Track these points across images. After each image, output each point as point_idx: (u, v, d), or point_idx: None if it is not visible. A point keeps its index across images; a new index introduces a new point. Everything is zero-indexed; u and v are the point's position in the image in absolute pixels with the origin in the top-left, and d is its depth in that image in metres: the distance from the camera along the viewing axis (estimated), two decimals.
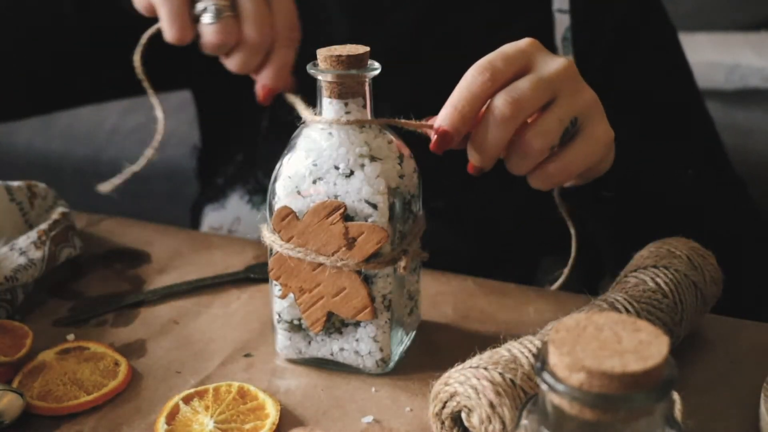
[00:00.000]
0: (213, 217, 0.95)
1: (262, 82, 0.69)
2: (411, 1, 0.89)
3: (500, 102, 0.57)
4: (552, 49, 0.86)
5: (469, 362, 0.53)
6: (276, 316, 0.62)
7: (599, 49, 0.87)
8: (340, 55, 0.56)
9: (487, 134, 0.57)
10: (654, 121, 0.88)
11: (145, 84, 0.73)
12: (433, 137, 0.58)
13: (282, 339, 0.63)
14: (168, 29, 0.68)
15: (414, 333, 0.66)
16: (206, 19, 0.67)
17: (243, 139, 0.95)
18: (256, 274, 0.75)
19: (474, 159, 0.59)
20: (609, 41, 0.86)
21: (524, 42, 0.60)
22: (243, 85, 0.78)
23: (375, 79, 0.60)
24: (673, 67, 0.90)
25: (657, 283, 0.60)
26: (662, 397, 0.35)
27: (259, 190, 0.92)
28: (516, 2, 0.88)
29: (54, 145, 1.71)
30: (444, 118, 0.57)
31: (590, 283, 0.66)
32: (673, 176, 0.83)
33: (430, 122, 0.59)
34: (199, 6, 0.67)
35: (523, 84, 0.57)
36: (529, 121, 0.58)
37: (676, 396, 0.46)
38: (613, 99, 0.87)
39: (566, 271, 0.69)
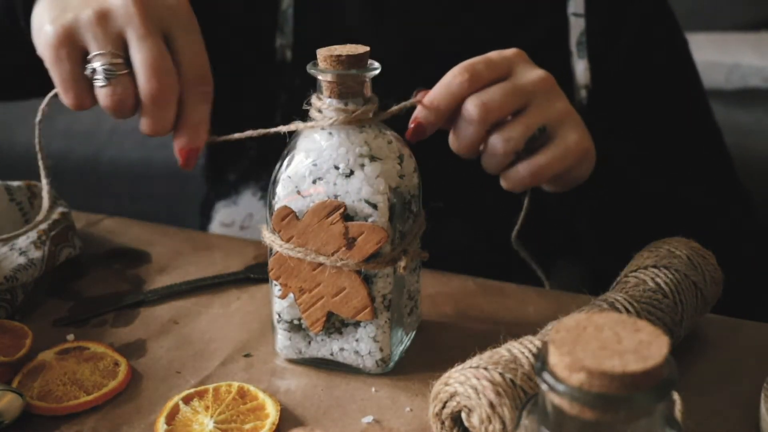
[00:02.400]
0: (225, 213, 0.95)
1: (178, 144, 0.63)
2: (427, 5, 0.89)
3: (470, 104, 0.61)
4: (567, 53, 0.87)
5: (469, 362, 0.53)
6: (276, 316, 0.62)
7: (613, 54, 0.87)
8: (340, 55, 0.56)
9: (460, 132, 0.62)
10: (662, 127, 0.88)
11: (40, 156, 0.69)
12: (410, 127, 0.62)
13: (282, 339, 0.63)
14: (63, 96, 0.63)
15: (414, 333, 0.66)
16: (98, 82, 0.61)
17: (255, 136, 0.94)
18: (256, 274, 0.75)
19: (454, 150, 0.64)
20: (623, 46, 0.87)
21: (510, 51, 0.64)
22: (257, 81, 0.77)
23: (389, 79, 0.61)
24: (683, 75, 0.90)
25: (657, 283, 0.60)
26: (662, 397, 0.35)
27: None
28: (531, 6, 0.89)
29: (54, 145, 1.71)
30: (420, 110, 0.62)
31: (591, 283, 0.66)
32: (672, 186, 0.83)
33: (419, 97, 0.62)
34: (89, 68, 0.61)
35: (496, 90, 0.61)
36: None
37: (676, 396, 0.46)
38: (624, 103, 0.88)
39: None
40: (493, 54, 0.64)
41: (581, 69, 0.87)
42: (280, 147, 0.60)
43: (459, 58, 0.88)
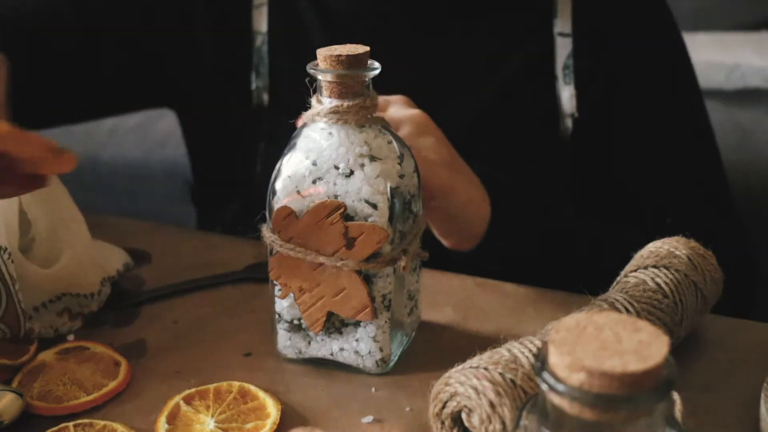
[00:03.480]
0: None
1: None
2: (408, 33, 0.88)
3: None
4: (552, 77, 0.85)
5: (469, 362, 0.53)
6: (276, 316, 0.62)
7: (601, 76, 0.85)
8: (340, 55, 0.56)
9: None
10: (652, 149, 0.87)
11: None
12: None
13: (282, 339, 0.63)
14: None
15: (414, 333, 0.66)
16: None
17: (238, 187, 0.94)
18: (256, 274, 0.75)
19: None
20: (611, 66, 0.85)
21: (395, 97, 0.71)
22: (236, 129, 0.77)
23: None
24: (677, 90, 0.88)
25: (657, 283, 0.60)
26: (662, 397, 0.35)
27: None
28: (516, 28, 0.87)
29: None
30: None
31: (590, 282, 0.66)
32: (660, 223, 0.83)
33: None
34: None
35: None
36: None
37: (676, 396, 0.46)
38: (612, 126, 0.86)
39: None
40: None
41: (567, 96, 0.85)
42: (262, 199, 0.60)
43: (444, 86, 0.87)
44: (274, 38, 0.90)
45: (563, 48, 0.85)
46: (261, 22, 0.90)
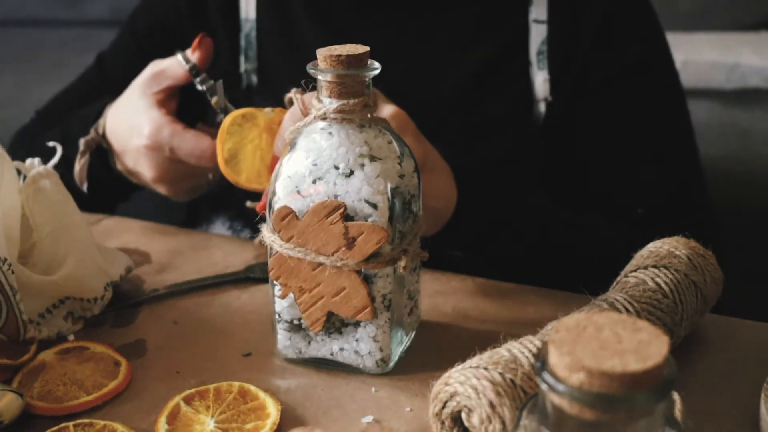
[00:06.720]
0: None
1: None
2: (385, 16, 0.89)
3: None
4: (526, 63, 0.86)
5: (469, 362, 0.53)
6: (276, 316, 0.62)
7: (574, 63, 0.85)
8: (340, 55, 0.56)
9: None
10: (624, 135, 0.86)
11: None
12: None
13: (282, 339, 0.63)
14: None
15: (414, 333, 0.66)
16: None
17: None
18: (256, 274, 0.75)
19: None
20: (585, 54, 0.85)
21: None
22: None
23: None
24: (652, 76, 0.88)
25: (657, 283, 0.60)
26: (662, 397, 0.35)
27: (241, 216, 0.93)
28: (492, 14, 0.87)
29: None
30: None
31: (590, 282, 0.66)
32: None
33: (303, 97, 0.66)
34: None
35: None
36: None
37: (676, 396, 0.46)
38: (585, 116, 0.87)
39: None
40: None
41: (540, 81, 0.86)
42: None
43: (413, 71, 0.87)
44: (262, 23, 0.92)
45: (538, 34, 0.85)
46: (249, 9, 0.92)
